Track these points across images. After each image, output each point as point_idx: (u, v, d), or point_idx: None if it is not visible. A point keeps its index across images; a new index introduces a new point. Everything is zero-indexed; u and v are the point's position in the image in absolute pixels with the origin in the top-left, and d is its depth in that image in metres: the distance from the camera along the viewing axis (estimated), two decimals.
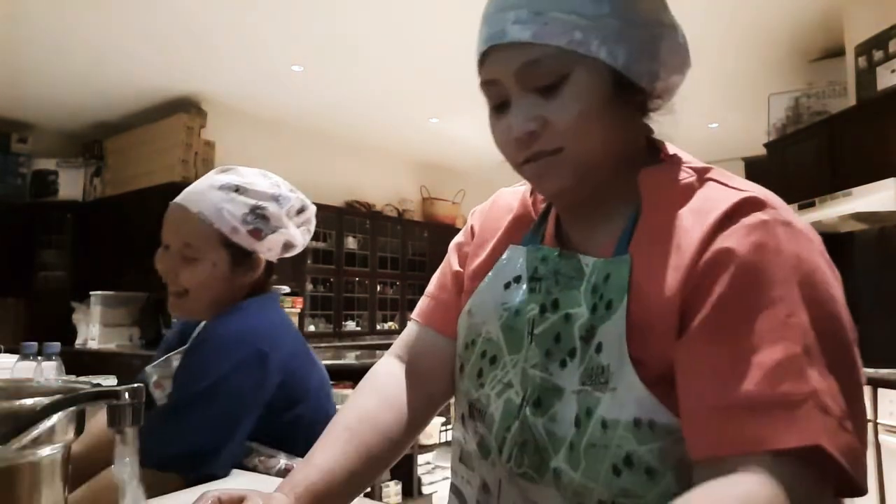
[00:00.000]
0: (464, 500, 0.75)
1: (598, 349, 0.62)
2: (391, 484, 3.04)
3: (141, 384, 0.51)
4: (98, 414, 0.63)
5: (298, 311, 4.76)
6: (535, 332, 0.68)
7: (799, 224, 0.58)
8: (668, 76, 0.67)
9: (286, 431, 1.07)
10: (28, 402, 0.48)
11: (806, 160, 3.39)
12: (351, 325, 5.87)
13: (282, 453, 1.06)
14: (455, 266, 0.84)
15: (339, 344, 5.42)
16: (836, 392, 0.52)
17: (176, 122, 4.69)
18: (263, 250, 1.15)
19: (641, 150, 0.70)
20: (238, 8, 3.50)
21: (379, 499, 2.90)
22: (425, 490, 3.22)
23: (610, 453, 0.59)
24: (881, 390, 2.50)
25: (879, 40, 3.04)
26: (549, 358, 0.66)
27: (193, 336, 1.18)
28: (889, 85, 2.93)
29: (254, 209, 1.12)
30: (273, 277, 1.24)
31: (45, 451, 0.50)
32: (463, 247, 0.85)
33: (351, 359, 3.58)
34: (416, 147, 6.20)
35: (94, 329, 4.57)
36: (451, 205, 6.81)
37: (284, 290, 1.27)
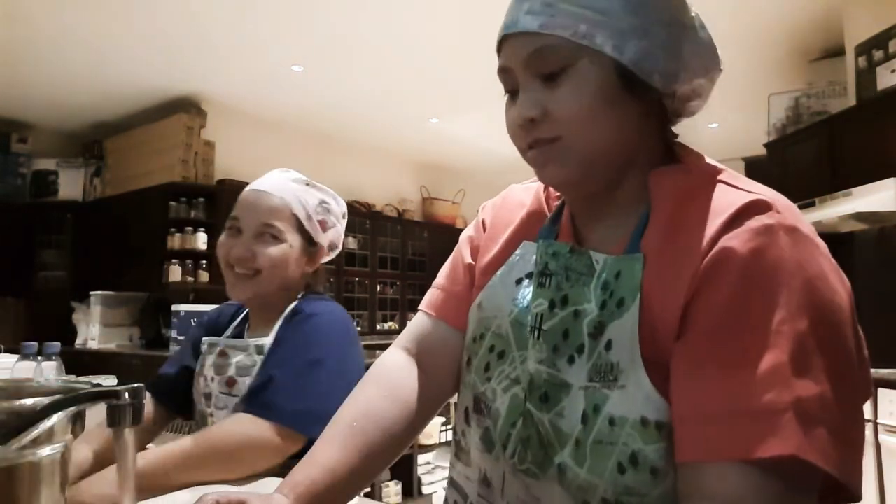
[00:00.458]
0: (465, 495, 0.75)
1: (607, 346, 0.62)
2: (391, 484, 3.04)
3: (141, 384, 0.51)
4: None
5: None
6: (544, 328, 0.68)
7: (805, 229, 0.58)
8: (691, 78, 0.66)
9: None
10: (28, 402, 0.48)
11: (806, 160, 3.39)
12: None
13: None
14: (467, 259, 0.84)
15: None
16: (830, 399, 0.52)
17: (176, 122, 4.69)
18: (325, 242, 1.26)
19: (655, 151, 0.69)
20: (238, 8, 3.50)
21: (379, 499, 2.90)
22: (425, 490, 3.22)
23: (616, 451, 0.59)
24: (881, 390, 2.50)
25: (879, 40, 3.04)
26: (557, 354, 0.67)
27: (287, 318, 1.17)
28: (889, 85, 2.93)
29: (321, 202, 1.25)
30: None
31: (45, 451, 0.50)
32: (474, 240, 0.85)
33: None
34: (416, 147, 6.20)
35: (94, 329, 4.58)
36: (451, 205, 6.81)
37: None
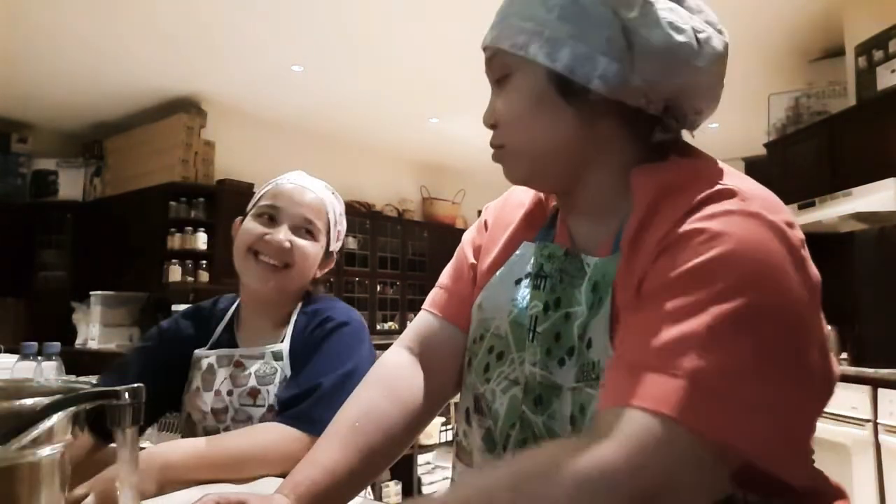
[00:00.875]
0: None
1: (588, 345, 0.64)
2: (391, 484, 3.04)
3: (141, 385, 0.51)
4: None
5: None
6: (538, 330, 0.69)
7: (770, 217, 0.57)
8: (652, 80, 0.64)
9: None
10: (28, 402, 0.48)
11: (806, 160, 3.39)
12: None
13: None
14: (471, 258, 0.85)
15: None
16: (747, 377, 0.51)
17: (176, 122, 4.69)
18: (336, 247, 1.29)
19: (627, 152, 0.68)
20: (238, 8, 3.50)
21: (379, 499, 2.90)
22: (425, 490, 3.21)
23: None
24: (881, 390, 2.50)
25: (879, 40, 3.04)
26: (550, 356, 0.67)
27: (312, 319, 1.18)
28: (889, 85, 2.93)
29: (343, 212, 1.30)
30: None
31: (45, 451, 0.50)
32: (476, 241, 0.86)
33: None
34: (416, 147, 6.20)
35: (94, 329, 4.57)
36: (451, 205, 6.80)
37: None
